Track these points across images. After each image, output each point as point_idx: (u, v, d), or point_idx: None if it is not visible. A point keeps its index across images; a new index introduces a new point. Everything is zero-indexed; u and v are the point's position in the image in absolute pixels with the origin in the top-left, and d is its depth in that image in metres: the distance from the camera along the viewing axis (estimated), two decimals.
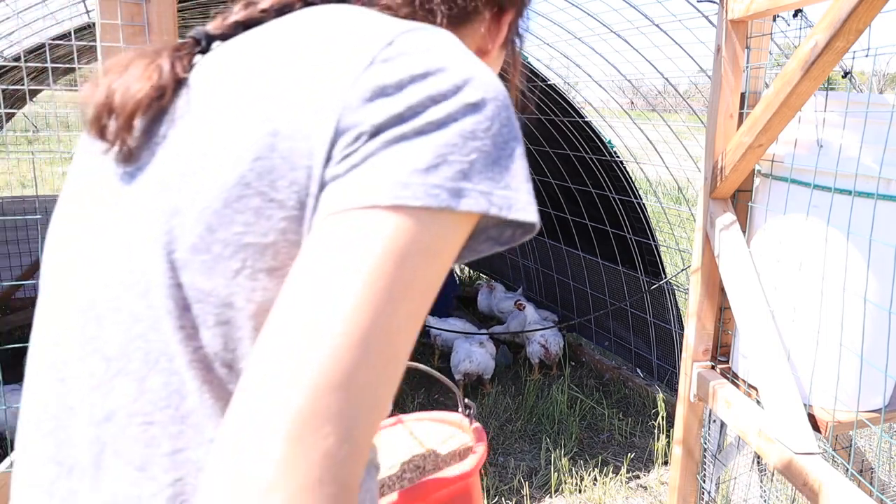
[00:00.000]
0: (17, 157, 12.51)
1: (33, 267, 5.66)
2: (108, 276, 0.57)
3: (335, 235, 0.47)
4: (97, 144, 0.60)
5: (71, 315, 0.59)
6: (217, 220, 0.51)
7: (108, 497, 0.54)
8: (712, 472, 2.33)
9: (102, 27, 1.52)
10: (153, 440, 0.53)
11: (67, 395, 0.59)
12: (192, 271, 0.52)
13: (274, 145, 0.51)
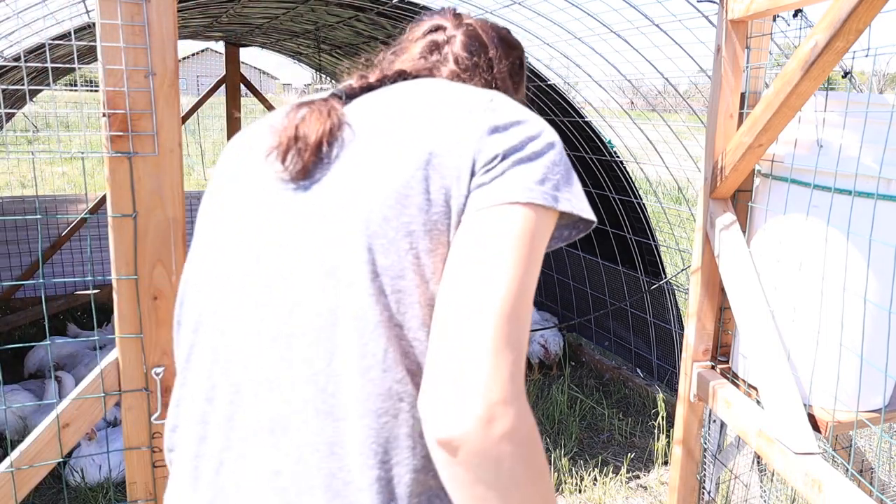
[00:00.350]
0: (17, 157, 12.51)
1: (33, 267, 5.67)
2: (308, 258, 0.76)
3: (491, 221, 0.70)
4: (267, 164, 0.83)
5: (279, 289, 0.77)
6: (391, 212, 0.73)
7: (346, 412, 0.72)
8: (712, 472, 2.33)
9: (102, 27, 1.53)
10: (366, 378, 0.71)
11: (288, 350, 0.75)
12: (375, 251, 0.72)
13: (430, 161, 0.74)
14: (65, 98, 17.83)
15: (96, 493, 3.10)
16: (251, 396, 0.77)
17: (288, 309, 0.76)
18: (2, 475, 1.60)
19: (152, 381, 1.70)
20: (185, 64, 47.59)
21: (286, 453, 0.73)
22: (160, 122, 1.61)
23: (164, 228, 1.66)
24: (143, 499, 1.77)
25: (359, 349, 0.71)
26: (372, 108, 0.85)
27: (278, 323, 0.76)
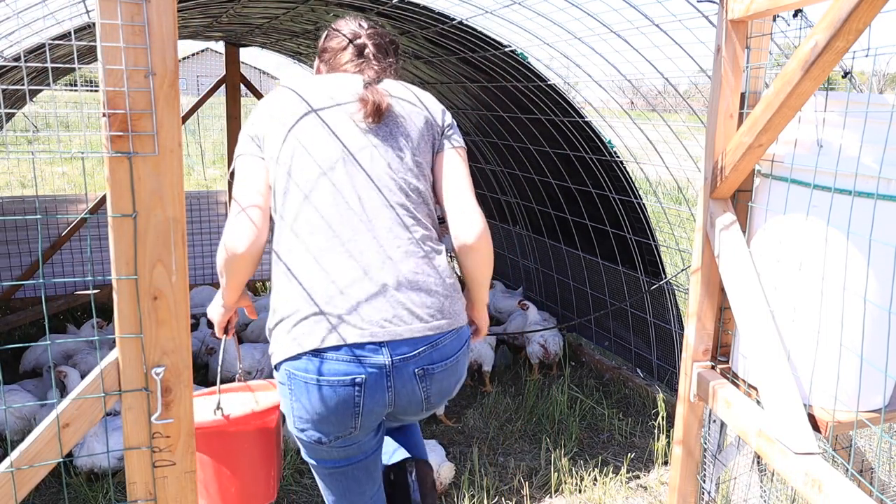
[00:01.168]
0: (17, 157, 12.51)
1: (33, 267, 5.67)
2: (384, 164, 1.85)
3: (457, 155, 1.98)
4: (353, 116, 1.86)
5: (363, 182, 1.83)
6: (418, 143, 1.92)
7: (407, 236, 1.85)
8: (712, 472, 2.33)
9: (102, 27, 1.53)
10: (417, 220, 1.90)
11: (364, 212, 1.81)
12: (417, 158, 1.91)
13: (429, 121, 1.96)
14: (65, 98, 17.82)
15: (96, 494, 3.10)
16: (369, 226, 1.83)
17: (381, 176, 1.84)
18: (2, 475, 1.60)
19: (152, 380, 1.70)
20: (185, 64, 47.56)
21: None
22: (160, 122, 1.61)
23: (164, 228, 1.65)
24: (143, 499, 1.77)
25: (424, 193, 1.93)
26: (392, 91, 1.96)
27: (378, 180, 1.84)
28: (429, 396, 1.85)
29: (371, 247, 1.78)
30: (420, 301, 1.78)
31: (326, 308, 1.74)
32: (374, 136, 1.84)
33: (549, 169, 4.71)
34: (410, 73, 5.27)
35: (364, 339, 1.73)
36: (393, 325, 1.75)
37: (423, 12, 3.75)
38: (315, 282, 1.76)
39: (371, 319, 1.74)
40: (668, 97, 4.51)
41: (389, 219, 1.82)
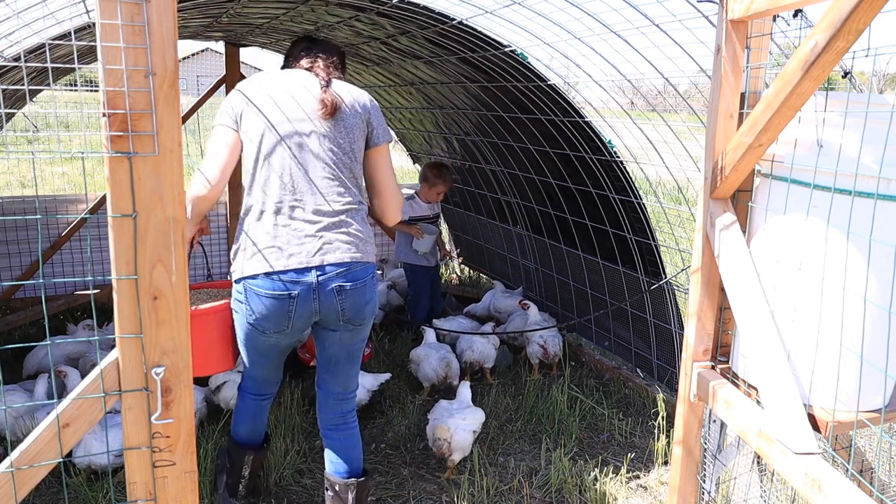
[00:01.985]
0: (17, 157, 12.50)
1: (33, 267, 5.67)
2: (332, 163, 2.60)
3: (385, 150, 2.74)
4: (312, 112, 2.57)
5: (304, 170, 2.54)
6: (358, 131, 2.65)
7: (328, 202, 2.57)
8: (712, 472, 2.33)
9: (102, 27, 1.53)
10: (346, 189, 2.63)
11: (311, 180, 2.55)
12: (353, 142, 2.64)
13: (364, 116, 2.67)
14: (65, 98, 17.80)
15: (96, 494, 3.10)
16: (313, 188, 2.55)
17: (326, 161, 2.56)
18: (2, 475, 1.60)
19: (152, 380, 1.70)
20: (185, 64, 47.53)
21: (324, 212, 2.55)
22: (160, 122, 1.61)
23: (164, 228, 1.65)
24: (143, 499, 1.77)
25: (355, 167, 2.66)
26: (339, 90, 2.65)
27: (328, 166, 2.59)
28: (344, 308, 2.59)
29: (313, 203, 2.55)
30: (341, 240, 2.56)
31: (276, 243, 2.50)
32: (324, 126, 2.58)
33: (549, 169, 4.71)
34: (410, 73, 5.27)
35: (300, 266, 2.49)
36: (320, 255, 2.52)
37: (423, 12, 3.75)
38: (271, 225, 2.51)
39: (307, 251, 2.50)
40: (668, 97, 4.51)
41: (327, 186, 2.57)
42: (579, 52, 3.65)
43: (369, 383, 3.91)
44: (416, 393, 4.34)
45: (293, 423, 3.82)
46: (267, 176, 2.53)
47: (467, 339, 4.52)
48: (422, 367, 4.27)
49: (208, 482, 3.20)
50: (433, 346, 4.37)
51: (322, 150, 2.57)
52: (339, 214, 2.58)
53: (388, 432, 3.88)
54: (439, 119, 5.88)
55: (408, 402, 4.16)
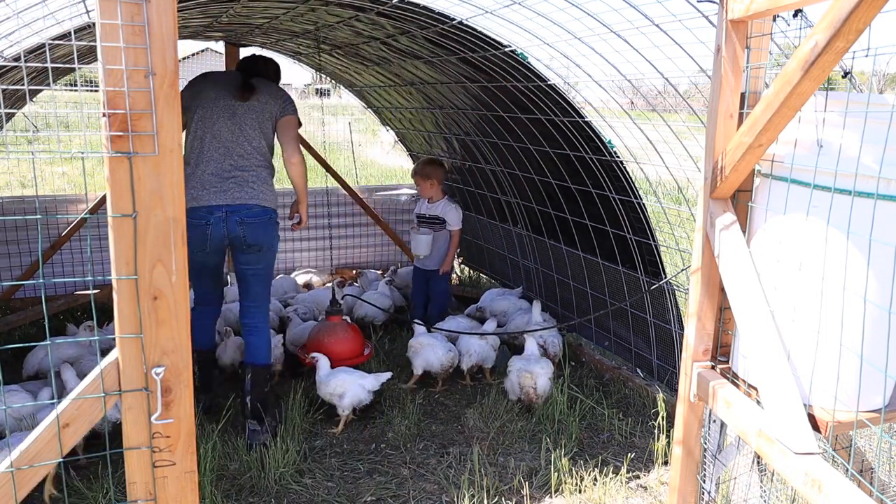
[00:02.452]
0: (17, 157, 12.50)
1: (33, 267, 5.66)
2: (241, 133, 3.70)
3: (293, 121, 3.86)
4: (230, 95, 3.74)
5: (224, 137, 3.70)
6: (270, 111, 3.81)
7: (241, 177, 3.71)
8: (712, 472, 2.33)
9: (102, 27, 1.53)
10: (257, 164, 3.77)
11: (228, 155, 3.71)
12: (264, 120, 3.79)
13: (273, 104, 3.82)
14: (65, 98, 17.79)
15: (96, 494, 3.10)
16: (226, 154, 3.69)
17: (239, 135, 3.70)
18: (2, 475, 1.60)
19: (152, 380, 1.70)
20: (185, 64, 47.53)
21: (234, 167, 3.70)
22: (160, 122, 1.61)
23: (164, 228, 1.65)
24: (143, 499, 1.77)
25: (262, 140, 3.78)
26: (255, 83, 3.83)
27: (236, 138, 3.70)
28: (245, 236, 3.66)
29: (228, 162, 3.68)
30: (243, 188, 3.66)
31: (202, 188, 3.63)
32: (240, 107, 3.72)
33: (549, 169, 4.71)
34: (410, 73, 5.27)
35: (214, 203, 3.62)
36: (229, 196, 3.63)
37: (423, 12, 3.75)
38: (199, 176, 3.65)
39: (221, 194, 3.63)
40: (668, 97, 4.51)
41: (240, 150, 3.70)
42: (579, 52, 3.65)
43: (370, 383, 3.90)
44: (415, 393, 4.34)
45: (293, 423, 3.82)
46: (201, 143, 3.77)
47: (465, 341, 4.53)
48: (423, 353, 4.30)
49: (208, 482, 3.20)
50: (436, 336, 4.40)
51: (237, 124, 3.80)
52: (247, 171, 3.74)
53: (388, 432, 3.88)
54: (439, 119, 5.88)
55: (408, 402, 4.16)
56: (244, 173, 3.66)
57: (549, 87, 3.99)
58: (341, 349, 4.29)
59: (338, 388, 3.85)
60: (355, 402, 3.86)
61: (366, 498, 3.27)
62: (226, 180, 3.62)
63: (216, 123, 3.65)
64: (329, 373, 3.93)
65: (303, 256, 6.75)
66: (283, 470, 3.40)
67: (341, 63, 5.97)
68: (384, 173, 13.78)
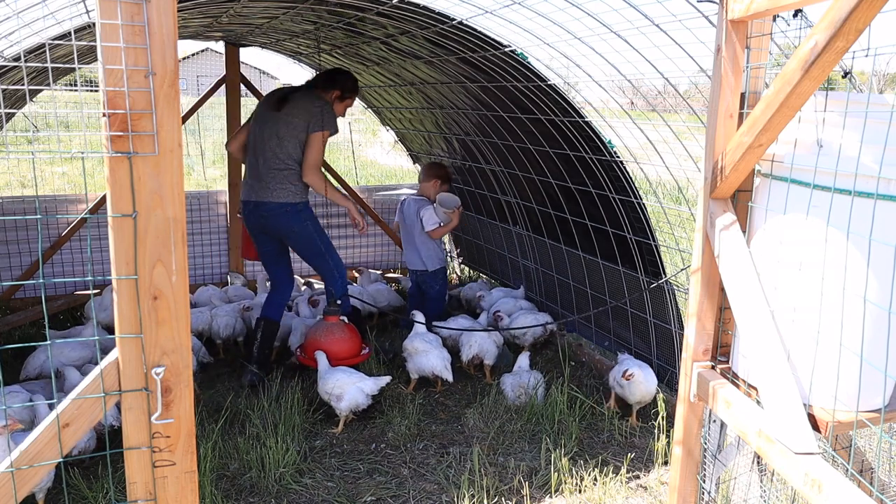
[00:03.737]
0: (17, 157, 12.50)
1: (33, 267, 5.67)
2: (271, 139, 4.34)
3: (315, 138, 4.30)
4: (270, 105, 4.42)
5: (258, 143, 4.41)
6: (296, 124, 4.31)
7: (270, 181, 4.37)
8: (712, 472, 2.33)
9: (102, 27, 1.53)
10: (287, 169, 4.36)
11: (260, 158, 4.40)
12: (290, 131, 4.33)
13: (305, 117, 4.31)
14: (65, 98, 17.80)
15: (96, 494, 3.10)
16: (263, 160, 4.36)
17: (269, 140, 4.34)
18: (2, 475, 1.60)
19: (152, 380, 1.70)
20: (185, 64, 47.54)
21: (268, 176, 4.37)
22: (160, 122, 1.61)
23: (164, 228, 1.66)
24: (143, 499, 1.77)
25: (288, 146, 4.32)
26: (289, 95, 4.45)
27: (266, 143, 4.36)
28: (267, 227, 4.44)
29: (260, 163, 4.36)
30: (264, 188, 4.33)
31: (244, 185, 4.53)
32: (272, 117, 4.35)
33: (549, 169, 4.71)
34: (410, 73, 5.28)
35: (246, 199, 4.46)
36: (255, 194, 4.37)
37: (423, 12, 3.75)
38: (245, 175, 4.58)
39: (251, 192, 4.40)
40: (668, 97, 4.51)
41: (269, 153, 4.32)
42: (579, 52, 3.65)
43: (369, 387, 3.90)
44: (415, 393, 4.34)
45: (293, 423, 3.82)
46: (249, 147, 4.64)
47: (468, 335, 4.57)
48: (416, 358, 4.31)
49: (208, 482, 3.20)
50: (431, 341, 4.40)
51: (270, 132, 4.46)
52: (272, 172, 4.36)
53: (388, 432, 3.88)
54: (439, 119, 5.88)
55: (407, 402, 4.16)
56: (267, 174, 4.30)
57: (549, 87, 3.99)
58: (339, 349, 4.29)
59: (336, 388, 3.84)
60: (353, 406, 3.85)
61: (366, 498, 3.27)
62: (258, 180, 4.35)
63: (256, 130, 4.40)
64: (328, 370, 3.92)
65: None
66: (283, 470, 3.40)
67: (341, 63, 5.97)
68: (384, 173, 13.79)
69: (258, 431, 3.72)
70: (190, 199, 6.11)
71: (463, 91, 4.97)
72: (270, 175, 4.29)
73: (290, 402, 3.96)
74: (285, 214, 4.33)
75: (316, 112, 4.26)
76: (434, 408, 4.23)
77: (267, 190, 4.29)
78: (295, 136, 4.26)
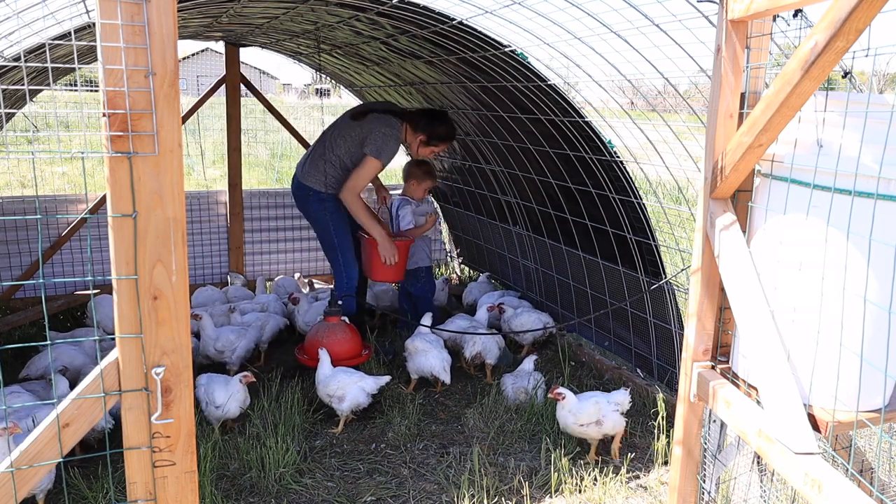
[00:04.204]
0: (17, 157, 12.50)
1: (33, 267, 5.66)
2: (336, 138, 4.71)
3: (364, 162, 4.53)
4: (352, 113, 4.77)
5: (325, 136, 4.81)
6: (356, 139, 4.65)
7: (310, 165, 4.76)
8: (712, 472, 2.33)
9: (102, 27, 1.53)
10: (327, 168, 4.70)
11: (318, 148, 4.79)
12: (348, 141, 4.66)
13: (365, 137, 4.61)
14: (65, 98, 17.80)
15: (96, 494, 3.10)
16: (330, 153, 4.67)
17: (334, 139, 4.71)
18: (2, 475, 1.60)
19: (152, 380, 1.70)
20: (185, 64, 47.55)
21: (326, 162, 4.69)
22: (160, 122, 1.61)
23: (164, 228, 1.66)
24: (143, 499, 1.77)
25: (343, 150, 4.66)
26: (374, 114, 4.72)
27: (331, 139, 4.70)
28: (296, 204, 4.84)
29: (315, 151, 4.70)
30: (307, 170, 4.70)
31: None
32: (346, 124, 4.66)
33: (549, 169, 4.71)
34: (410, 73, 5.28)
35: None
36: (298, 174, 4.80)
37: (423, 12, 3.75)
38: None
39: (303, 173, 4.74)
40: (668, 97, 4.51)
41: (328, 146, 4.64)
42: (579, 52, 3.64)
43: (369, 386, 3.90)
44: (415, 393, 4.34)
45: (293, 422, 3.82)
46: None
47: (471, 335, 4.59)
48: (416, 358, 4.31)
49: (208, 482, 3.20)
50: (432, 341, 4.40)
51: (333, 136, 4.78)
52: (319, 163, 4.68)
53: (388, 432, 3.88)
54: None
55: (407, 402, 4.16)
56: (315, 160, 4.65)
57: (549, 87, 3.99)
58: (340, 349, 4.29)
59: (338, 390, 3.84)
60: (354, 405, 3.85)
61: (366, 498, 3.27)
62: (305, 162, 4.75)
63: (330, 128, 4.76)
64: (330, 373, 3.92)
65: (303, 256, 6.75)
66: (283, 470, 3.40)
67: (341, 63, 5.97)
68: (384, 173, 13.77)
69: (258, 431, 3.72)
70: (190, 199, 6.11)
71: (463, 91, 4.97)
72: (315, 162, 4.62)
73: (290, 402, 3.96)
74: (306, 197, 4.65)
75: (377, 137, 4.47)
76: (434, 408, 4.23)
77: (306, 172, 4.65)
78: (352, 147, 4.56)
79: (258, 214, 6.45)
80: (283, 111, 9.98)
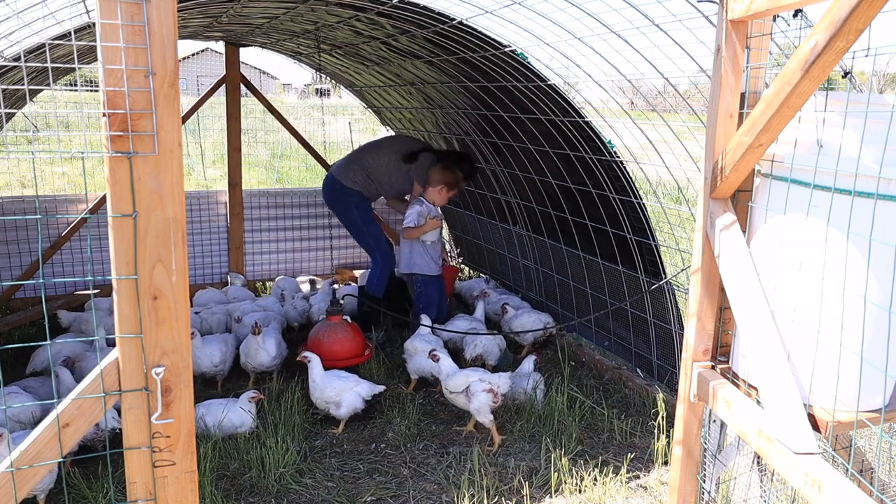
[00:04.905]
0: (17, 157, 12.50)
1: (33, 267, 5.67)
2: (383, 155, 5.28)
3: (418, 190, 5.29)
4: (409, 146, 5.35)
5: (375, 146, 5.54)
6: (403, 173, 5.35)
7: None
8: (712, 472, 2.33)
9: (102, 27, 1.53)
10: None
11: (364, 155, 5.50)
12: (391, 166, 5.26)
13: (407, 177, 5.29)
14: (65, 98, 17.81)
15: (96, 494, 3.10)
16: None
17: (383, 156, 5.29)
18: (2, 475, 1.60)
19: (152, 380, 1.70)
20: (185, 64, 47.55)
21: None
22: (160, 122, 1.61)
23: (164, 228, 1.66)
24: (143, 499, 1.77)
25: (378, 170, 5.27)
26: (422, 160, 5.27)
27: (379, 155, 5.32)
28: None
29: (357, 155, 5.31)
30: (341, 167, 5.24)
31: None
32: (401, 163, 5.20)
33: (549, 169, 4.71)
34: (410, 73, 5.28)
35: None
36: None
37: (423, 12, 3.75)
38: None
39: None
40: (668, 97, 4.51)
41: (370, 154, 5.28)
42: (579, 52, 3.64)
43: (365, 391, 3.90)
44: (415, 393, 4.34)
45: (293, 422, 3.82)
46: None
47: (472, 336, 4.60)
48: (415, 359, 4.32)
49: (208, 482, 3.20)
50: (432, 342, 4.39)
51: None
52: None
53: (388, 432, 3.88)
54: (439, 119, 5.88)
55: (407, 402, 4.16)
56: (352, 161, 5.21)
57: (549, 87, 3.98)
58: (341, 349, 4.28)
59: (334, 396, 3.83)
60: (351, 410, 3.85)
61: (366, 498, 3.27)
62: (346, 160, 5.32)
63: (381, 146, 5.36)
64: (324, 378, 3.89)
65: (303, 256, 6.75)
66: (283, 470, 3.40)
67: (341, 63, 5.97)
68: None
69: (258, 431, 3.72)
70: (190, 199, 6.11)
71: (463, 91, 4.97)
72: (352, 164, 5.18)
73: (290, 402, 3.96)
74: (331, 189, 5.15)
75: (413, 177, 5.17)
76: (434, 408, 4.23)
77: (338, 168, 5.21)
78: (392, 171, 5.15)
79: (258, 214, 6.45)
80: (283, 111, 9.99)
